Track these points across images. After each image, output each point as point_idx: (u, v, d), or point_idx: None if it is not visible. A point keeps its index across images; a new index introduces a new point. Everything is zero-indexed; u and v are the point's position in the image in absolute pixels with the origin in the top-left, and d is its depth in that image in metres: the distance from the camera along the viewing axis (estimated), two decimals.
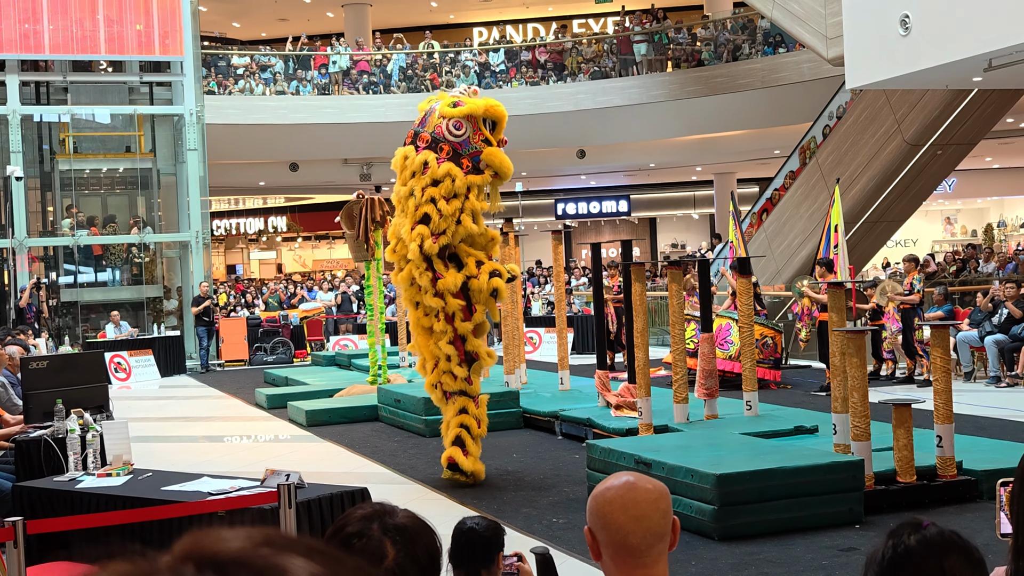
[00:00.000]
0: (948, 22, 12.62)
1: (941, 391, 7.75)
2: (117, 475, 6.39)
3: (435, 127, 8.83)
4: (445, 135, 8.78)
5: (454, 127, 8.78)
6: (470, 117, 8.82)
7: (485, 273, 8.82)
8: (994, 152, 28.67)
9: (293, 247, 41.14)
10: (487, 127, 8.93)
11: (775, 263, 20.48)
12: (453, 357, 8.93)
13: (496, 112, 8.95)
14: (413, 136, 9.00)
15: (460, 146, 8.77)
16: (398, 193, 8.98)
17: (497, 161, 8.82)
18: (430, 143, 8.82)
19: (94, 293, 22.20)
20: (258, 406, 15.06)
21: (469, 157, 8.78)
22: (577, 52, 26.32)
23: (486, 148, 8.82)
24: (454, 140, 8.77)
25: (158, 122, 22.37)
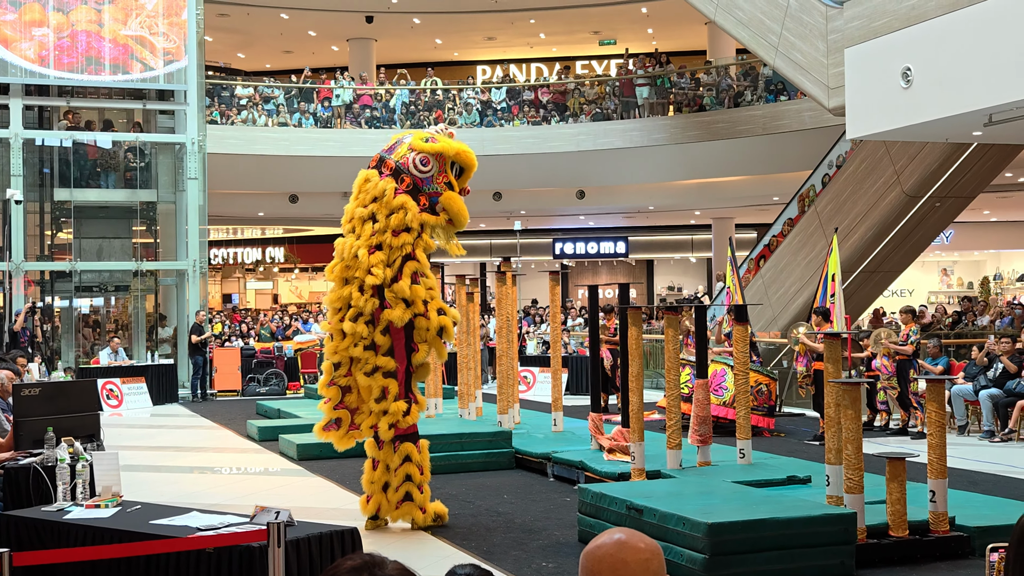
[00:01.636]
0: (950, 76, 12.69)
1: (935, 446, 7.73)
2: (106, 507, 6.35)
3: (402, 157, 8.67)
4: (410, 167, 8.62)
5: (421, 162, 8.62)
6: (439, 156, 8.68)
7: (433, 311, 8.60)
8: (992, 205, 28.78)
9: (290, 278, 41.12)
10: (453, 171, 8.80)
11: (771, 310, 20.49)
12: (390, 391, 8.58)
13: (466, 159, 8.83)
14: (378, 161, 8.82)
15: (422, 182, 8.61)
16: (352, 212, 8.75)
17: (455, 207, 8.66)
18: (393, 171, 8.66)
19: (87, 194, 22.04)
20: (249, 438, 14.99)
21: (428, 196, 8.62)
22: (579, 93, 26.45)
23: (447, 191, 8.66)
24: (417, 175, 8.61)
25: (159, 150, 22.42)
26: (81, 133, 21.78)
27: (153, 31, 21.80)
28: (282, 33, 30.98)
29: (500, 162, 25.78)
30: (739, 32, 17.83)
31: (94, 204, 22.20)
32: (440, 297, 8.91)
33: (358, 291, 8.56)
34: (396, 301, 8.49)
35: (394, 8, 28.53)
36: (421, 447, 8.87)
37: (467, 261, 37.76)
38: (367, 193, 8.69)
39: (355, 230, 8.70)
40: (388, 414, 8.62)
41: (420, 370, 8.78)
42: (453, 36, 31.86)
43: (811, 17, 16.13)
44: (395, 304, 8.49)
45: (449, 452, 11.74)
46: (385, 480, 8.79)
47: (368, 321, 8.57)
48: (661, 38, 31.88)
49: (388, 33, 30.69)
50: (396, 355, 8.63)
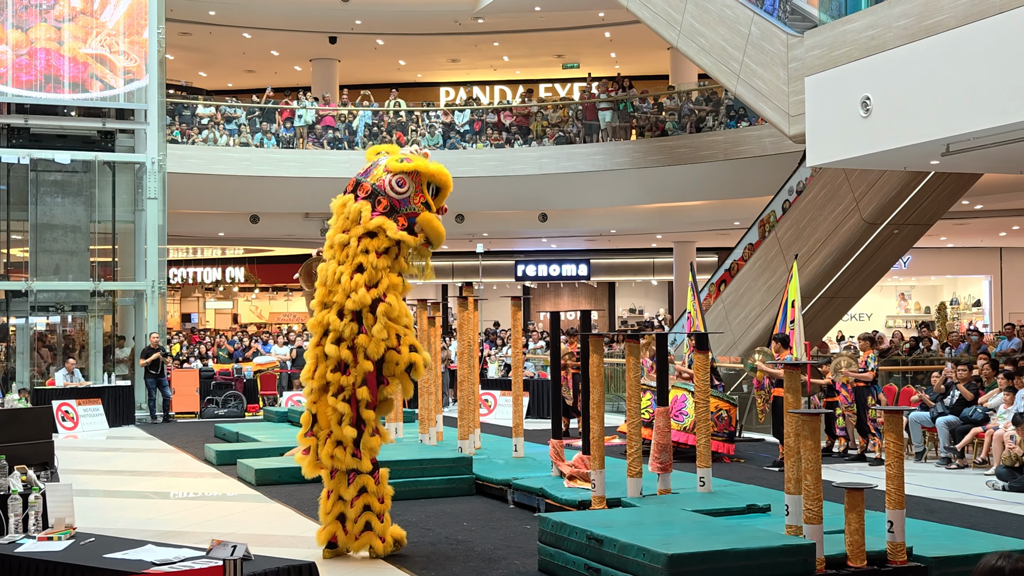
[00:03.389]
0: (908, 107, 12.83)
1: (894, 476, 7.75)
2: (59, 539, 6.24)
3: (377, 180, 8.63)
4: (386, 189, 8.58)
5: (397, 183, 8.58)
6: (416, 176, 8.65)
7: (405, 346, 8.54)
8: (949, 232, 29.11)
9: (250, 298, 40.87)
10: (430, 191, 8.78)
11: (732, 334, 20.57)
12: (345, 417, 8.49)
13: (442, 179, 8.81)
14: (355, 185, 8.78)
15: (399, 203, 8.59)
16: (332, 239, 8.75)
17: (432, 227, 8.68)
18: (369, 194, 8.62)
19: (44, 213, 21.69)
20: (207, 462, 14.84)
21: (406, 216, 8.61)
22: (542, 116, 26.52)
23: (424, 211, 8.65)
24: (394, 196, 8.58)
25: (119, 169, 22.22)
26: (39, 151, 21.55)
27: (114, 49, 21.64)
28: (244, 52, 30.88)
29: (463, 184, 25.61)
30: (701, 59, 17.96)
31: (51, 223, 21.96)
32: (413, 332, 8.84)
33: (336, 316, 8.53)
34: (370, 337, 8.45)
35: (358, 29, 28.51)
36: (380, 476, 8.78)
37: (429, 283, 37.72)
38: (344, 217, 8.68)
39: (334, 256, 8.69)
40: (341, 444, 8.55)
41: (383, 405, 8.71)
42: (417, 58, 31.89)
43: (772, 45, 16.26)
44: (372, 331, 8.45)
45: (409, 478, 11.66)
46: (340, 511, 8.70)
47: (349, 346, 8.54)
48: (624, 63, 32.08)
49: (351, 54, 30.67)
50: (368, 385, 8.58)
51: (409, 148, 9.04)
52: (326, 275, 8.68)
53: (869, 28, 13.60)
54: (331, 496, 8.73)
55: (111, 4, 21.69)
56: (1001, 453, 12.57)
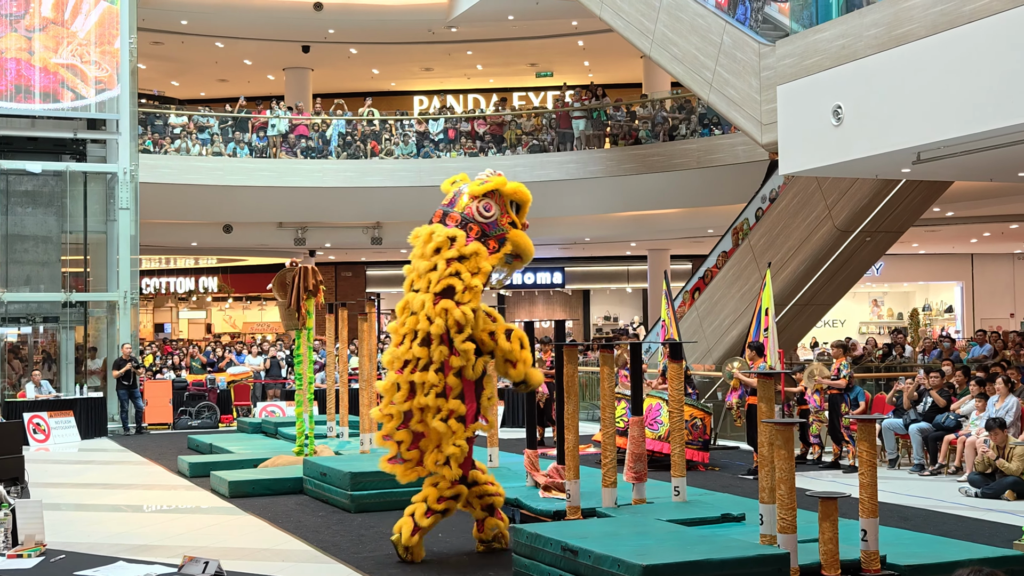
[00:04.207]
0: (879, 115, 12.90)
1: (867, 484, 7.78)
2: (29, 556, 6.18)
3: (465, 208, 9.08)
4: (475, 216, 9.04)
5: (484, 208, 9.05)
6: (498, 197, 9.12)
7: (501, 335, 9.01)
8: (921, 239, 29.29)
9: (224, 307, 40.67)
10: (512, 209, 9.23)
11: (706, 342, 20.62)
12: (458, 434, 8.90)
13: (522, 195, 9.29)
14: (442, 216, 9.19)
15: (488, 227, 9.06)
16: (416, 268, 9.05)
17: (522, 244, 9.19)
18: (460, 223, 9.06)
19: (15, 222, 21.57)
20: (180, 474, 14.74)
21: (496, 239, 9.08)
22: (516, 125, 26.53)
23: (512, 230, 9.14)
24: (483, 221, 9.04)
25: (91, 179, 22.07)
26: (10, 161, 21.38)
27: (85, 59, 21.51)
28: (217, 62, 30.75)
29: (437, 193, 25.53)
30: (674, 67, 18.01)
31: (22, 233, 21.79)
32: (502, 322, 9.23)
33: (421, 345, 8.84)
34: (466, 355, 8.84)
35: (331, 38, 28.46)
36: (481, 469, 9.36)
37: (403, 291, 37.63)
38: (430, 243, 9.03)
39: (412, 284, 9.06)
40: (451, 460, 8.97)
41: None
42: (390, 66, 31.84)
43: (744, 54, 16.33)
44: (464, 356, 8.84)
45: (384, 489, 11.62)
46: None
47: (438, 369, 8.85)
48: (597, 71, 32.13)
49: (325, 63, 30.61)
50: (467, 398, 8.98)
51: (484, 173, 9.43)
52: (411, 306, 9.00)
53: (840, 37, 13.68)
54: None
55: (82, 14, 21.57)
56: (974, 459, 12.64)
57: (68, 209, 21.74)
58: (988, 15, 11.37)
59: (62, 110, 21.49)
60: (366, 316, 16.01)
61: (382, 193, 25.75)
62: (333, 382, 17.28)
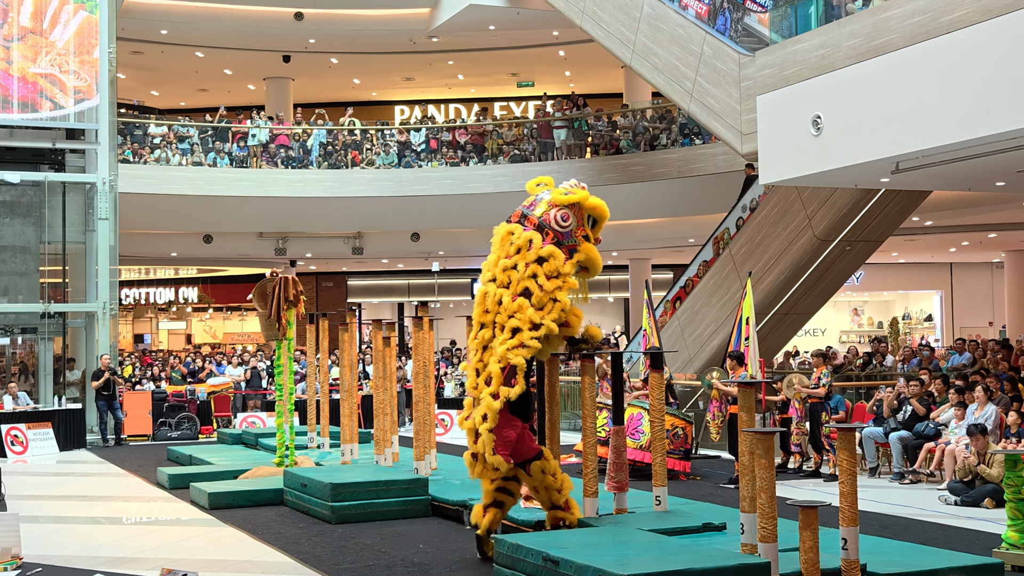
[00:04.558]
0: (858, 125, 12.96)
1: (847, 493, 7.79)
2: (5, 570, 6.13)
3: (544, 214, 9.37)
4: (552, 223, 9.33)
5: (562, 218, 9.34)
6: (577, 210, 9.39)
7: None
8: (900, 248, 29.42)
9: (204, 318, 40.52)
10: (589, 223, 9.49)
11: (687, 351, 20.64)
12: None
13: (601, 211, 9.56)
14: (520, 216, 9.51)
15: (563, 236, 9.34)
16: (496, 264, 9.40)
17: (592, 257, 9.45)
18: (537, 227, 9.36)
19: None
20: (160, 486, 14.65)
21: (568, 248, 9.34)
22: (497, 135, 26.55)
23: (584, 243, 9.41)
24: (559, 229, 9.33)
25: (69, 189, 21.96)
26: None
27: (64, 69, 21.42)
28: (197, 71, 30.66)
29: (418, 203, 25.74)
30: (654, 77, 18.05)
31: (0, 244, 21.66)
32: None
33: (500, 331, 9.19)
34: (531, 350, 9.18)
35: (311, 48, 28.42)
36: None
37: (384, 301, 37.61)
38: (510, 245, 9.39)
39: (495, 279, 9.39)
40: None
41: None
42: (371, 76, 31.82)
43: (724, 64, 16.38)
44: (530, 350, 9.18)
45: (364, 500, 11.60)
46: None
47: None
48: (578, 81, 32.19)
49: (305, 72, 30.56)
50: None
51: (568, 183, 9.71)
52: (487, 300, 9.36)
53: (819, 48, 13.75)
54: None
55: (61, 23, 21.48)
56: (953, 467, 12.68)
57: (47, 219, 21.62)
58: (965, 26, 11.45)
59: (40, 120, 21.38)
60: (347, 326, 15.97)
61: (363, 203, 25.72)
62: (314, 393, 17.23)
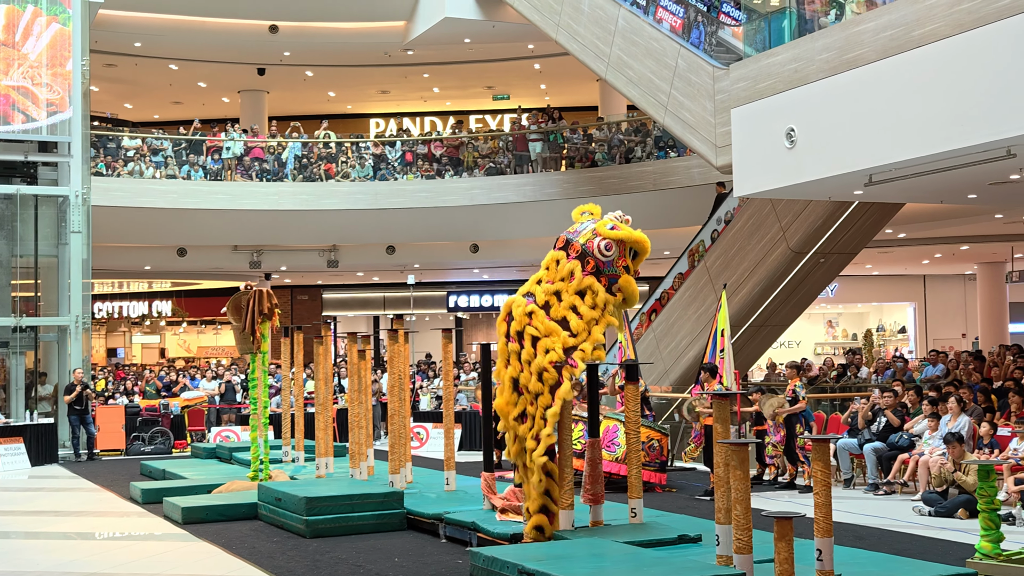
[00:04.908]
0: (831, 138, 13.03)
1: (821, 504, 7.80)
2: None
3: (587, 241, 9.70)
4: (595, 252, 9.65)
5: (605, 248, 9.65)
6: (622, 243, 9.69)
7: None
8: (874, 260, 29.58)
9: (178, 331, 40.29)
10: (630, 255, 9.78)
11: (663, 363, 20.67)
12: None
13: (643, 246, 9.85)
14: (565, 243, 9.88)
15: (604, 265, 9.66)
16: (546, 290, 9.89)
17: (631, 290, 9.77)
18: (580, 254, 9.69)
19: None
20: (133, 500, 14.54)
21: (608, 277, 9.67)
22: (473, 147, 26.56)
23: (624, 275, 9.72)
24: (601, 259, 9.66)
25: (42, 202, 21.81)
26: None
27: (36, 81, 21.30)
28: (171, 84, 30.55)
29: (394, 216, 25.71)
30: (629, 90, 18.10)
31: None
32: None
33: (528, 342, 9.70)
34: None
35: (286, 60, 28.37)
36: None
37: (360, 315, 37.51)
38: (555, 273, 9.86)
39: (533, 294, 9.97)
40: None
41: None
42: (347, 89, 31.79)
43: (699, 77, 16.44)
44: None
45: (339, 514, 11.54)
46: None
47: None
48: (554, 94, 32.25)
49: (280, 85, 30.50)
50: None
51: (612, 214, 9.99)
52: (516, 310, 9.98)
53: (792, 61, 13.82)
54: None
55: (33, 35, 21.37)
56: (928, 478, 12.73)
57: (19, 232, 21.46)
58: (936, 40, 11.54)
59: (12, 133, 21.25)
60: (322, 339, 15.91)
61: (338, 216, 25.68)
62: (288, 406, 17.15)
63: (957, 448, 12.08)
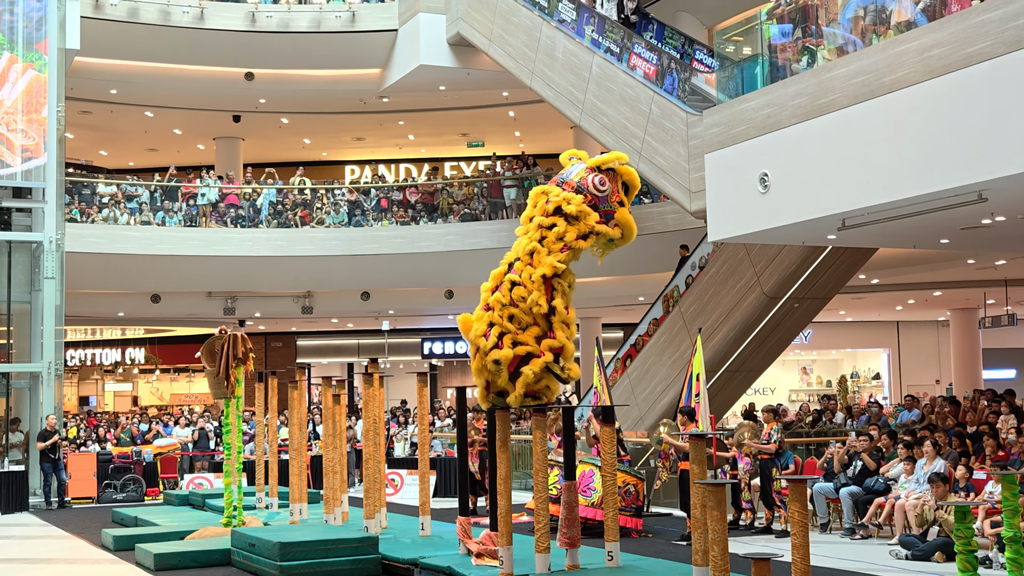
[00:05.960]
0: (805, 182, 13.14)
1: (799, 546, 7.79)
2: None
3: (581, 178, 9.69)
4: (590, 187, 9.64)
5: (599, 183, 9.65)
6: (613, 175, 9.71)
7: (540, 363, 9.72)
8: (847, 306, 29.75)
9: (151, 379, 40.00)
10: (623, 190, 9.82)
11: (638, 409, 20.66)
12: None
13: (634, 179, 9.93)
14: (558, 182, 9.88)
15: (599, 200, 9.63)
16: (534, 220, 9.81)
17: (627, 222, 9.81)
18: (575, 190, 9.68)
19: None
20: (105, 548, 14.35)
21: (603, 213, 9.64)
22: (448, 194, 26.64)
23: (619, 209, 9.73)
24: (596, 193, 9.63)
25: (15, 248, 21.69)
26: None
27: (11, 127, 21.27)
28: (147, 131, 30.57)
29: (369, 262, 25.70)
30: (603, 136, 18.24)
31: None
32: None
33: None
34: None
35: (262, 107, 28.45)
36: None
37: (334, 361, 37.37)
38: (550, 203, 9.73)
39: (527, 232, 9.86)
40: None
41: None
42: (322, 136, 31.89)
43: (672, 123, 16.59)
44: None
45: (314, 559, 11.42)
46: None
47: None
48: (528, 141, 32.45)
49: (256, 132, 30.56)
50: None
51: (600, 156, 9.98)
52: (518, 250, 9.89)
53: (765, 107, 13.96)
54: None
55: (9, 82, 21.37)
56: (904, 522, 12.73)
57: None
58: (908, 85, 11.69)
59: None
60: (296, 384, 15.82)
61: (313, 262, 25.65)
62: (263, 452, 17.01)
63: (940, 488, 12.09)
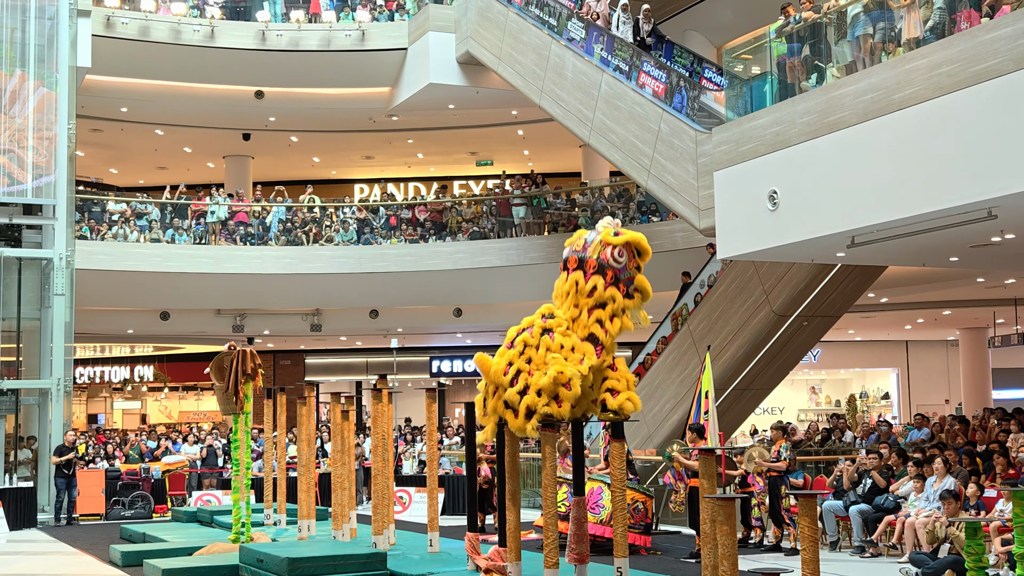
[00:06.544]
0: (814, 200, 13.15)
1: (809, 560, 7.76)
2: None
3: (600, 253, 9.94)
4: (610, 261, 9.91)
5: (617, 255, 9.93)
6: (629, 246, 9.98)
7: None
8: (856, 325, 29.70)
9: (159, 397, 40.03)
10: (637, 255, 10.07)
11: (647, 427, 20.62)
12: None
13: (644, 245, 10.14)
14: (578, 262, 10.07)
15: (619, 272, 9.93)
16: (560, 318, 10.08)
17: (646, 287, 10.07)
18: (597, 268, 9.92)
19: None
20: (112, 564, 14.35)
21: (624, 282, 9.95)
22: (457, 212, 26.69)
23: (637, 275, 10.04)
24: (616, 266, 9.92)
25: (25, 265, 21.76)
26: None
27: (22, 145, 21.36)
28: (157, 149, 30.69)
29: (377, 280, 25.74)
30: (612, 154, 18.27)
31: None
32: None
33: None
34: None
35: (271, 126, 28.56)
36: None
37: (342, 379, 37.36)
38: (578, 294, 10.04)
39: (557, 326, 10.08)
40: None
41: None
42: (331, 154, 31.99)
43: (681, 141, 16.62)
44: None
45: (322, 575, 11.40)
46: None
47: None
48: (537, 159, 32.52)
49: (265, 150, 30.67)
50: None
51: (605, 221, 10.32)
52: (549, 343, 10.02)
53: (774, 125, 13.99)
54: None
55: (20, 100, 21.48)
56: (914, 540, 12.68)
57: (1, 295, 21.38)
58: (917, 103, 11.71)
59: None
60: (305, 400, 15.82)
61: (322, 280, 25.69)
62: (271, 469, 17.01)
63: (952, 505, 12.04)
